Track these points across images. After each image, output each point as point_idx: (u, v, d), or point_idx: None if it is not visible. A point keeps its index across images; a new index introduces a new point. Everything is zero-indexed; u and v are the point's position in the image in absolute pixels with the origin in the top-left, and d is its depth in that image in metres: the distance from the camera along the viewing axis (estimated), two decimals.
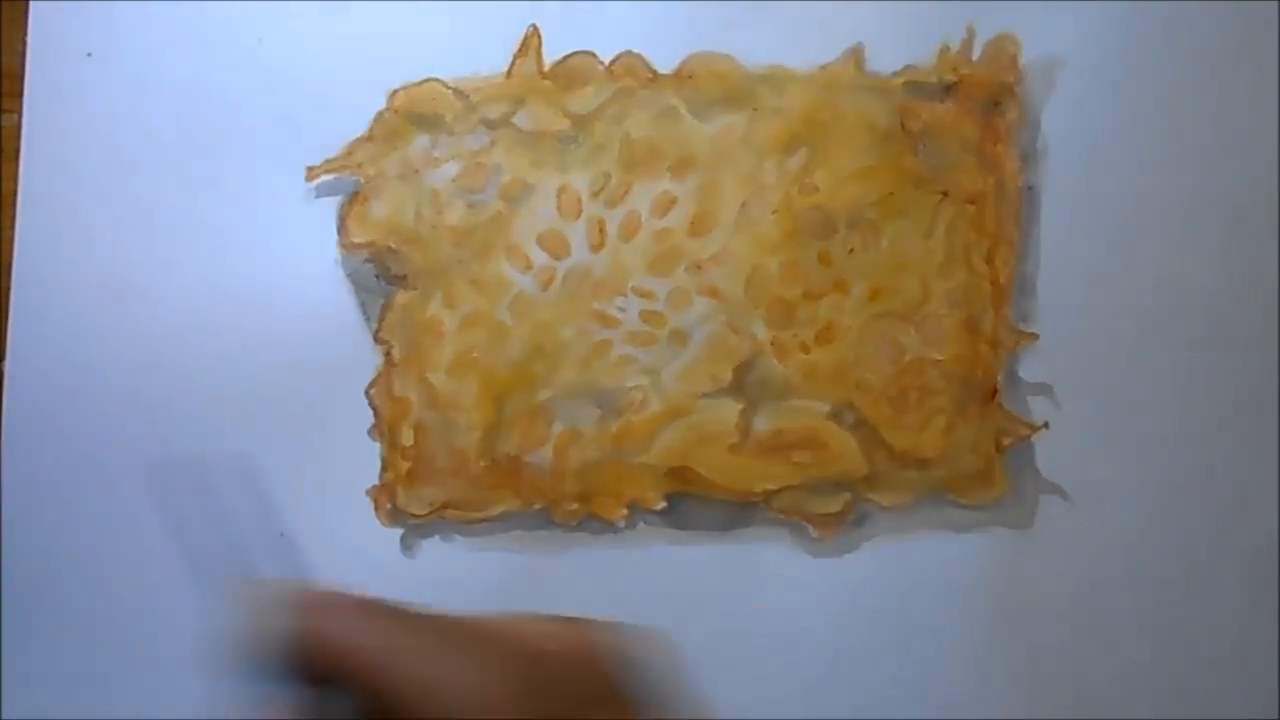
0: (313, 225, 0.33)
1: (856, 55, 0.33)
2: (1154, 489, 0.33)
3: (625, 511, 0.32)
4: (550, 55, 0.33)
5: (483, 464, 0.32)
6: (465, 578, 0.33)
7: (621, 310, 0.33)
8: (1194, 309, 0.33)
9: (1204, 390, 0.33)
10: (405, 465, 0.32)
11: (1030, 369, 0.33)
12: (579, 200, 0.33)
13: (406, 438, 0.32)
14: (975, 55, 0.33)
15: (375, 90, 0.33)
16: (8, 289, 0.33)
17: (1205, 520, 0.33)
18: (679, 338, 0.32)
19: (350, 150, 0.33)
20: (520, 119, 0.33)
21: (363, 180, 0.33)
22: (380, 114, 0.33)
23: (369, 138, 0.33)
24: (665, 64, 0.33)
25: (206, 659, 0.33)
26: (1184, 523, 0.33)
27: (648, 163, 0.33)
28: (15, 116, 0.34)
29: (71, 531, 0.33)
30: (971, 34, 0.33)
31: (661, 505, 0.32)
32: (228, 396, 0.33)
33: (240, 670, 0.18)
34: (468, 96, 0.33)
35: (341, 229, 0.33)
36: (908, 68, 0.33)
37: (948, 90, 0.33)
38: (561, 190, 0.33)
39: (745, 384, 0.32)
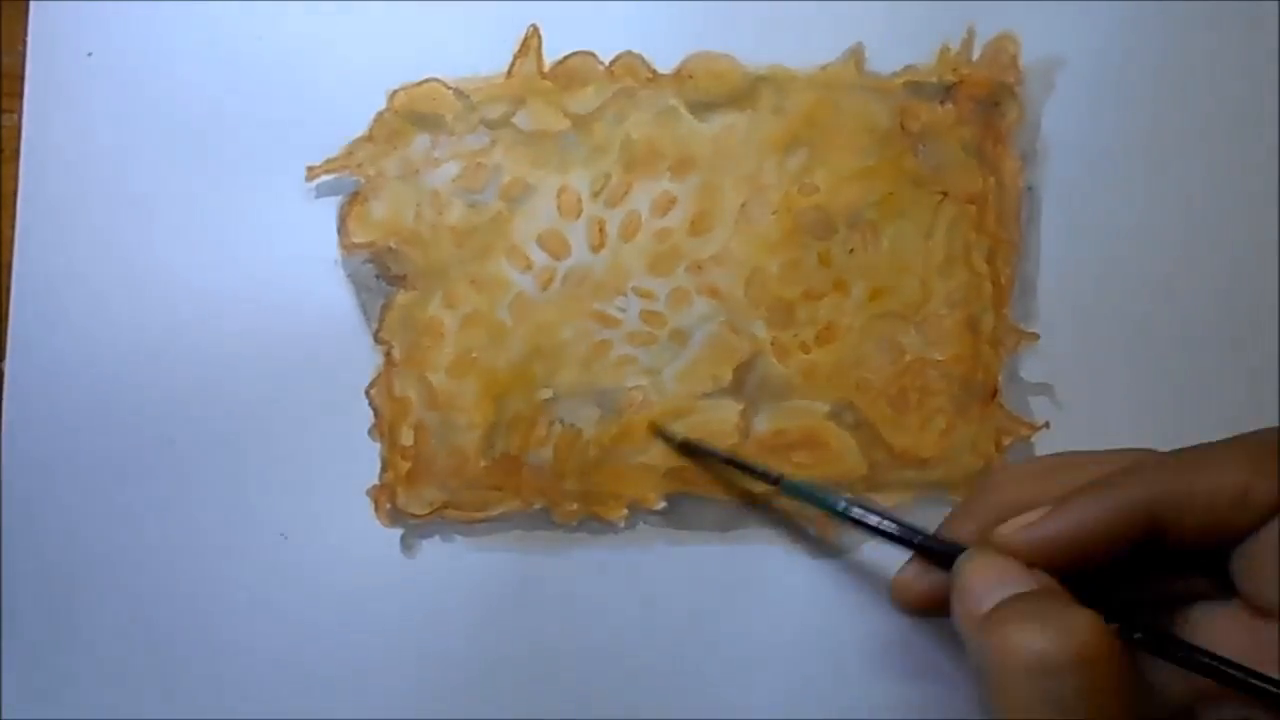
0: (313, 225, 0.33)
1: (856, 55, 0.33)
2: None
3: (625, 511, 0.32)
4: (550, 55, 0.33)
5: (483, 464, 0.32)
6: (465, 578, 0.33)
7: (621, 310, 0.33)
8: (1194, 309, 0.33)
9: (1204, 390, 0.33)
10: (405, 465, 0.32)
11: (1030, 369, 0.33)
12: (579, 200, 0.33)
13: (406, 438, 0.32)
14: (975, 55, 0.33)
15: (375, 90, 0.33)
16: (8, 289, 0.33)
17: None
18: (679, 338, 0.32)
19: (350, 150, 0.33)
20: (520, 119, 0.33)
21: (363, 180, 0.33)
22: (380, 114, 0.33)
23: (369, 138, 0.33)
24: (665, 64, 0.33)
25: (207, 659, 0.33)
26: None
27: (648, 163, 0.33)
28: (15, 116, 0.34)
29: (72, 531, 0.33)
30: (971, 34, 0.33)
31: (661, 505, 0.32)
32: (227, 396, 0.33)
33: None
34: (468, 96, 0.33)
35: (341, 229, 0.33)
36: (908, 68, 0.33)
37: (948, 90, 0.33)
38: (561, 190, 0.33)
39: (745, 384, 0.32)
